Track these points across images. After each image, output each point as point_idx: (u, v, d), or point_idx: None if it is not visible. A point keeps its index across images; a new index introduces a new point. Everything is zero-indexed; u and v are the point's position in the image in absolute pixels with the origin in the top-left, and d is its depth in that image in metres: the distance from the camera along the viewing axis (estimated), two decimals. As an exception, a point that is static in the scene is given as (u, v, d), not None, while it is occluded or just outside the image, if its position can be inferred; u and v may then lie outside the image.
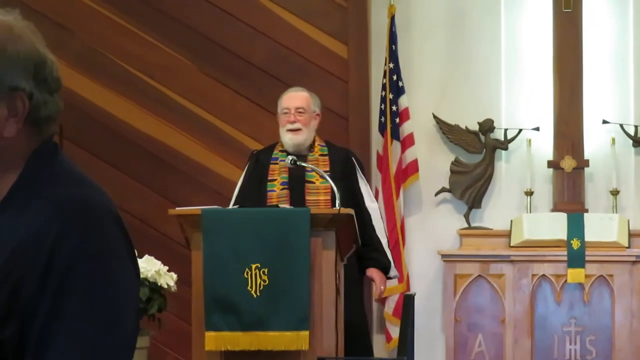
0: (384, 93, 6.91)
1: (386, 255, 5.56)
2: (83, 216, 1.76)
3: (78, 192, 1.80)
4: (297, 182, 5.47)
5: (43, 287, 1.71)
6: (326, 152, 5.60)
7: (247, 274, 4.81)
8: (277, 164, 5.55)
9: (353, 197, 5.41)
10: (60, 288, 1.71)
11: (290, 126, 5.56)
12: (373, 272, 5.51)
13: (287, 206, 5.31)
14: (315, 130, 5.66)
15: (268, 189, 5.50)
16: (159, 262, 5.48)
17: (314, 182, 5.47)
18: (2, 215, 1.77)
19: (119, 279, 1.77)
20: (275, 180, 5.51)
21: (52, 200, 1.76)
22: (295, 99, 5.65)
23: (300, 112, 5.59)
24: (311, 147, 5.60)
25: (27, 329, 1.70)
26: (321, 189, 5.44)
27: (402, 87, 6.94)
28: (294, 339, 4.80)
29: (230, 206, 5.57)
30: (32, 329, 1.70)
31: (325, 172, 5.42)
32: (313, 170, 5.39)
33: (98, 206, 1.79)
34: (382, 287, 5.56)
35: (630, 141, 6.89)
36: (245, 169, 5.71)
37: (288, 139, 5.57)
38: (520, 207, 6.93)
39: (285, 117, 5.60)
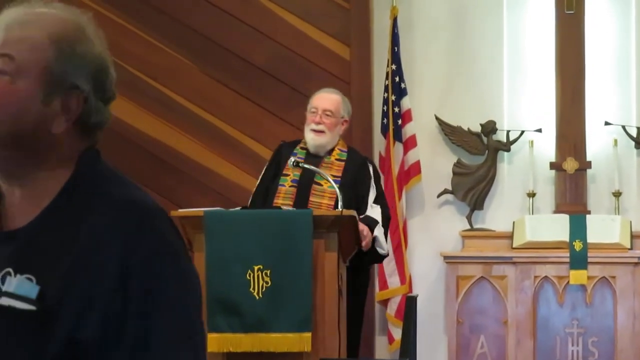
0: (386, 94, 6.91)
1: (376, 220, 5.40)
2: (148, 218, 1.79)
3: (136, 194, 1.83)
4: (306, 181, 5.43)
5: (123, 290, 1.73)
6: (344, 158, 5.52)
7: (249, 276, 4.81)
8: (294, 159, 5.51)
9: (358, 206, 5.33)
10: (142, 291, 1.73)
11: (314, 126, 5.51)
12: (361, 224, 5.24)
13: (290, 205, 5.30)
14: (339, 135, 5.59)
15: (280, 182, 5.47)
16: (161, 264, 5.47)
17: (321, 185, 5.42)
18: (60, 213, 1.78)
19: (190, 278, 1.81)
20: (288, 176, 5.47)
21: (114, 201, 1.79)
22: (325, 100, 5.58)
23: (327, 115, 5.52)
24: (331, 150, 5.54)
25: (112, 332, 1.72)
26: (327, 193, 5.39)
27: (405, 88, 6.94)
28: (296, 341, 4.80)
29: (252, 195, 5.57)
30: (122, 333, 1.72)
31: (336, 177, 5.38)
32: (317, 172, 5.37)
33: (157, 207, 1.82)
34: (367, 232, 5.23)
35: (633, 142, 6.88)
36: (270, 158, 5.70)
37: (310, 138, 5.52)
38: (523, 208, 6.93)
39: (311, 116, 5.54)
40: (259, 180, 5.64)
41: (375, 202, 5.48)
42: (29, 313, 1.71)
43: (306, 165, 5.37)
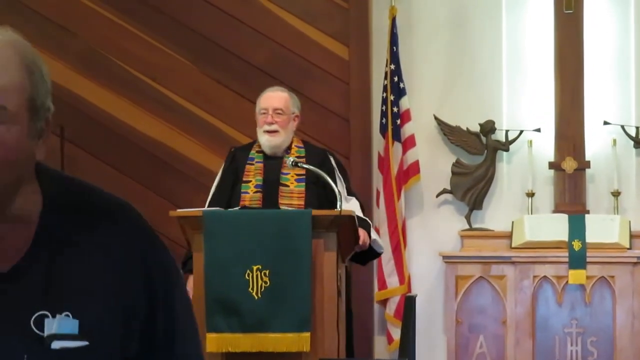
0: (385, 94, 6.91)
1: (368, 222, 5.35)
2: (140, 220, 1.84)
3: (111, 198, 1.83)
4: (271, 185, 5.37)
5: (150, 298, 1.77)
6: (303, 154, 5.46)
7: (248, 276, 4.81)
8: (252, 164, 5.44)
9: (330, 200, 5.28)
10: (164, 294, 1.80)
11: (267, 127, 5.42)
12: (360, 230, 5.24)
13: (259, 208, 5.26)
14: (293, 132, 5.52)
15: (242, 190, 5.40)
16: (160, 264, 5.48)
17: (287, 186, 5.38)
18: (55, 236, 1.72)
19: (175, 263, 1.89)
20: (250, 181, 5.41)
21: (105, 212, 1.77)
22: (273, 99, 5.50)
23: (278, 113, 5.44)
24: (288, 148, 5.48)
25: (148, 339, 1.78)
26: (295, 193, 5.35)
27: (404, 88, 6.94)
28: (295, 341, 4.80)
29: (207, 204, 5.48)
30: (155, 336, 1.78)
31: (300, 175, 5.36)
32: (315, 172, 5.34)
33: (132, 206, 1.85)
34: (365, 239, 5.24)
35: (632, 142, 6.89)
36: (222, 167, 5.60)
37: (265, 140, 5.44)
38: (522, 208, 6.93)
39: (262, 118, 5.45)
40: (214, 189, 5.54)
41: (349, 193, 5.46)
42: (81, 349, 1.68)
43: (305, 166, 5.34)
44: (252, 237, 4.83)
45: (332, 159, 5.54)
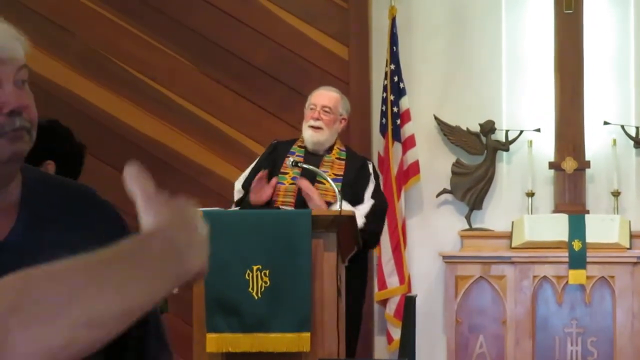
0: (385, 94, 6.91)
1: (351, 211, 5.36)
2: (115, 209, 1.90)
3: (86, 186, 1.91)
4: (308, 180, 5.43)
5: None
6: (344, 157, 5.52)
7: (248, 276, 4.82)
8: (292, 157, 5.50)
9: (356, 203, 5.31)
10: None
11: (312, 122, 5.50)
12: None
13: (292, 203, 5.28)
14: (337, 133, 5.59)
15: (278, 181, 5.45)
16: (160, 264, 5.47)
17: (324, 184, 5.41)
18: (36, 213, 1.77)
19: None
20: (287, 174, 5.45)
21: (85, 195, 1.84)
22: (324, 97, 5.60)
23: (326, 111, 5.52)
24: (330, 149, 5.54)
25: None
26: (330, 192, 5.37)
27: (403, 88, 6.94)
28: (295, 341, 4.80)
29: (238, 186, 5.54)
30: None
31: (338, 175, 5.38)
32: (315, 172, 5.36)
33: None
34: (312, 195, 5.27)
35: (632, 142, 6.89)
36: (261, 155, 5.67)
37: (308, 135, 5.51)
38: (522, 208, 6.93)
39: (310, 113, 5.54)
40: (248, 173, 5.57)
41: (372, 196, 5.48)
42: None
43: (305, 166, 5.35)
44: (252, 237, 4.83)
45: (370, 166, 5.61)
